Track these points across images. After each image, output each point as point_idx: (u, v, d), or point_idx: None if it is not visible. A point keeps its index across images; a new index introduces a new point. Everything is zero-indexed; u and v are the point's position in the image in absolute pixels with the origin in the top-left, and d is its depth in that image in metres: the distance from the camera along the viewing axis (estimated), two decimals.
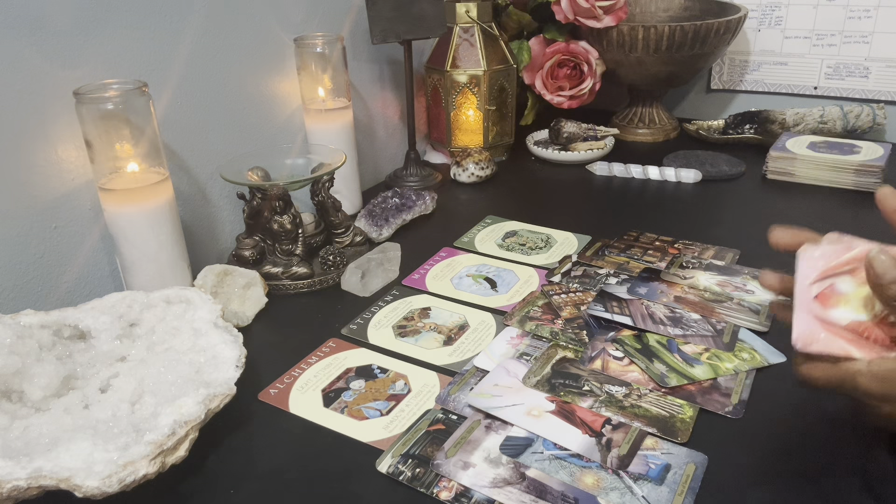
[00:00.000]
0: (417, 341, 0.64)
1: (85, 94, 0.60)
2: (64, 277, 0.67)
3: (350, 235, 0.80)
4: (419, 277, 0.76)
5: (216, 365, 0.55)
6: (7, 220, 0.62)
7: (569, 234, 0.84)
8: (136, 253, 0.65)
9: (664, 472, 0.48)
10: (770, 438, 0.51)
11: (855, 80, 1.15)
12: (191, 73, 0.75)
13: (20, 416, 0.51)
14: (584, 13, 1.03)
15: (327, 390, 0.58)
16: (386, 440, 0.52)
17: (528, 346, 0.62)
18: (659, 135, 1.18)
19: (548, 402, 0.55)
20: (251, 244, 0.76)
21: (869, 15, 1.11)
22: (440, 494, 0.47)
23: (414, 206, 0.89)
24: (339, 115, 0.87)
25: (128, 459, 0.45)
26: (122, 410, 0.51)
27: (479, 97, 1.03)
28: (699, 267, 0.74)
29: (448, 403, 0.55)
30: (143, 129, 0.63)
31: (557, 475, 0.48)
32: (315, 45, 0.84)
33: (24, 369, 0.52)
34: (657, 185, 0.99)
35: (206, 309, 0.60)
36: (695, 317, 0.65)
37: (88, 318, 0.58)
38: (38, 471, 0.44)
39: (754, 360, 0.59)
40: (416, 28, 0.93)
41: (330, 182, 0.79)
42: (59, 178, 0.65)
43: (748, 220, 0.86)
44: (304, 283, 0.74)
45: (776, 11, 1.17)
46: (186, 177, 0.77)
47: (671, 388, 0.56)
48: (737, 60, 1.23)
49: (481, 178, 1.01)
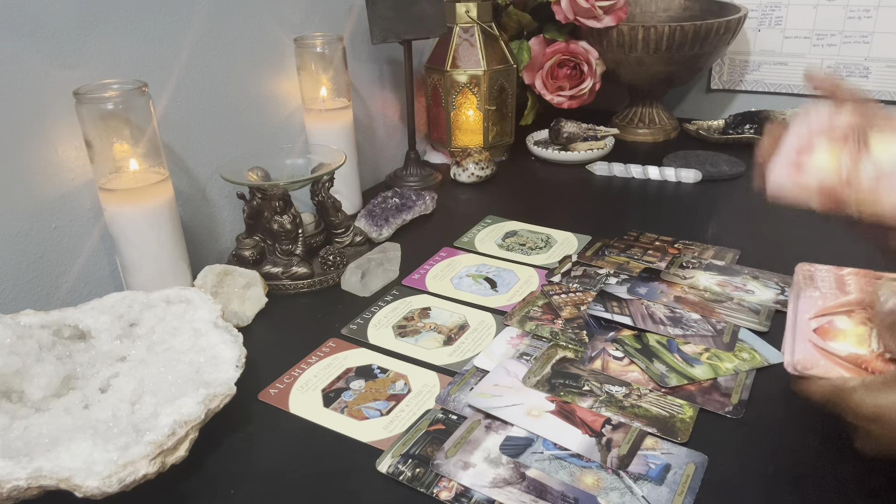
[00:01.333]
0: (417, 341, 0.64)
1: (85, 95, 0.60)
2: (64, 277, 0.67)
3: (350, 235, 0.80)
4: (419, 277, 0.76)
5: (216, 365, 0.55)
6: (7, 220, 0.62)
7: (569, 234, 0.84)
8: (136, 253, 0.65)
9: (664, 472, 0.48)
10: (770, 438, 0.51)
11: (855, 80, 1.15)
12: (191, 73, 0.75)
13: (20, 416, 0.51)
14: (584, 13, 1.03)
15: (327, 390, 0.58)
16: (386, 440, 0.52)
17: (528, 346, 0.62)
18: (659, 135, 1.18)
19: (548, 402, 0.55)
20: (251, 244, 0.76)
21: (869, 15, 1.11)
22: (440, 494, 0.47)
23: (414, 206, 0.89)
24: (339, 115, 0.87)
25: (128, 459, 0.45)
26: (122, 410, 0.51)
27: (479, 97, 1.03)
28: (699, 267, 0.74)
29: (448, 403, 0.55)
30: (143, 129, 0.63)
31: (557, 475, 0.48)
32: (315, 45, 0.84)
33: (24, 369, 0.52)
34: (657, 185, 0.99)
35: (206, 309, 0.60)
36: (695, 317, 0.65)
37: (88, 318, 0.58)
38: (38, 471, 0.44)
39: (754, 360, 0.59)
40: (416, 28, 0.93)
41: (330, 182, 0.79)
42: (59, 178, 0.65)
43: (748, 220, 0.86)
44: (304, 283, 0.74)
45: (776, 11, 1.17)
46: (186, 177, 0.77)
47: (671, 388, 0.56)
48: (737, 60, 1.23)
49: (481, 178, 1.01)
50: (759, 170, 0.50)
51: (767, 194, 0.49)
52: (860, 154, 0.45)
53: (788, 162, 0.48)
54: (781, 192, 0.48)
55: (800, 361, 0.45)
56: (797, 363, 0.45)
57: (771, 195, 0.49)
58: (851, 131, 0.46)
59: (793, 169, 0.48)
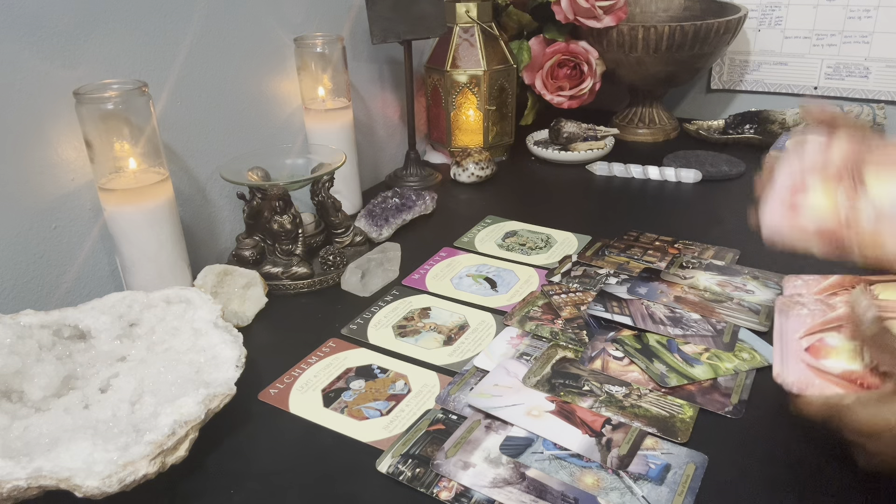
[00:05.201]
0: (417, 341, 0.64)
1: (85, 94, 0.60)
2: (64, 277, 0.67)
3: (350, 235, 0.80)
4: (419, 277, 0.76)
5: (216, 365, 0.55)
6: (7, 220, 0.62)
7: (569, 234, 0.84)
8: (136, 253, 0.65)
9: (664, 472, 0.48)
10: (770, 438, 0.51)
11: (855, 80, 1.15)
12: (191, 73, 0.75)
13: (20, 416, 0.51)
14: (584, 13, 1.03)
15: (327, 390, 0.58)
16: (386, 440, 0.52)
17: (528, 346, 0.62)
18: (659, 135, 1.18)
19: (548, 402, 0.55)
20: (251, 244, 0.76)
21: (869, 15, 1.11)
22: (440, 494, 0.47)
23: (414, 206, 0.89)
24: (339, 115, 0.87)
25: (128, 459, 0.45)
26: (122, 410, 0.51)
27: (479, 97, 1.03)
28: (699, 267, 0.74)
29: (448, 403, 0.55)
30: (143, 129, 0.63)
31: (557, 475, 0.48)
32: (315, 45, 0.84)
33: (24, 369, 0.52)
34: (657, 185, 0.99)
35: (206, 309, 0.60)
36: (695, 317, 0.65)
37: (88, 318, 0.58)
38: (38, 471, 0.44)
39: (754, 360, 0.59)
40: (416, 28, 0.93)
41: (330, 182, 0.79)
42: (59, 178, 0.65)
43: (748, 220, 0.86)
44: (304, 283, 0.74)
45: (776, 11, 1.17)
46: (186, 177, 0.77)
47: (671, 388, 0.56)
48: (737, 60, 1.23)
49: (481, 178, 1.01)
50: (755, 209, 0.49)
51: (763, 237, 0.47)
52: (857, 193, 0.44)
53: (782, 202, 0.46)
54: (777, 235, 0.47)
55: (795, 383, 0.45)
56: (792, 385, 0.45)
57: (767, 238, 0.47)
58: (846, 168, 0.44)
59: (787, 210, 0.46)
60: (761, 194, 0.48)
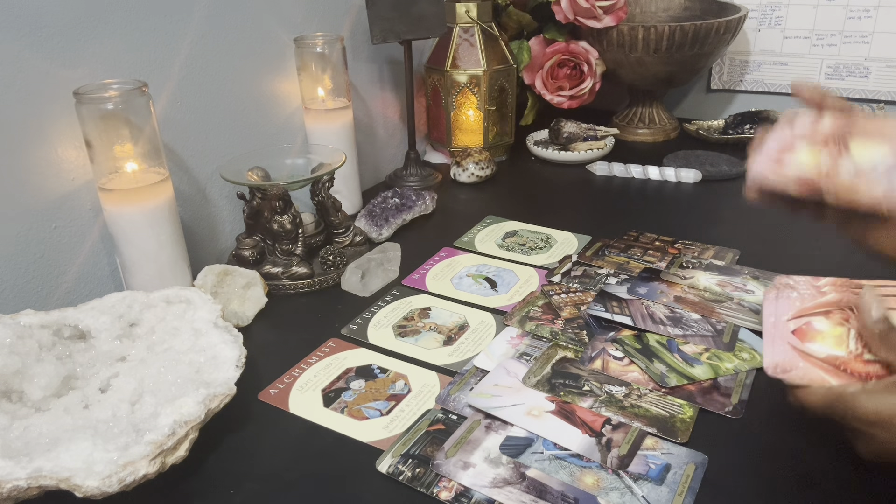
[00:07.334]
0: (417, 341, 0.64)
1: (85, 94, 0.60)
2: (64, 277, 0.67)
3: (350, 235, 0.80)
4: (419, 277, 0.76)
5: (216, 365, 0.55)
6: (7, 220, 0.62)
7: (569, 234, 0.84)
8: (136, 253, 0.65)
9: (664, 472, 0.48)
10: (770, 438, 0.51)
11: (855, 80, 1.15)
12: (191, 73, 0.75)
13: (20, 416, 0.51)
14: (584, 13, 1.03)
15: (327, 390, 0.58)
16: (386, 440, 0.52)
17: (528, 346, 0.62)
18: (659, 135, 1.18)
19: (548, 402, 0.55)
20: (251, 244, 0.76)
21: (869, 15, 1.11)
22: (440, 494, 0.47)
23: (414, 206, 0.89)
24: (339, 115, 0.87)
25: (128, 459, 0.45)
26: (122, 410, 0.51)
27: (479, 97, 1.03)
28: (699, 267, 0.74)
29: (448, 403, 0.55)
30: (143, 129, 0.63)
31: (557, 475, 0.48)
32: (315, 45, 0.84)
33: (24, 369, 0.52)
34: (657, 185, 0.99)
35: (206, 309, 0.60)
36: (695, 317, 0.65)
37: (88, 318, 0.58)
38: (38, 471, 0.44)
39: (754, 360, 0.59)
40: (416, 28, 0.93)
41: (330, 182, 0.79)
42: (59, 178, 0.65)
43: (748, 220, 0.86)
44: (304, 283, 0.74)
45: (776, 11, 1.17)
46: (186, 177, 0.77)
47: (671, 388, 0.56)
48: (737, 60, 1.23)
49: (481, 178, 1.01)
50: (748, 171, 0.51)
51: (747, 187, 0.50)
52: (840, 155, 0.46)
53: (769, 158, 0.49)
54: (760, 181, 0.49)
55: (779, 364, 0.45)
56: (776, 365, 0.45)
57: (750, 186, 0.50)
58: (833, 136, 0.47)
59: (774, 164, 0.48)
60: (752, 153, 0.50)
